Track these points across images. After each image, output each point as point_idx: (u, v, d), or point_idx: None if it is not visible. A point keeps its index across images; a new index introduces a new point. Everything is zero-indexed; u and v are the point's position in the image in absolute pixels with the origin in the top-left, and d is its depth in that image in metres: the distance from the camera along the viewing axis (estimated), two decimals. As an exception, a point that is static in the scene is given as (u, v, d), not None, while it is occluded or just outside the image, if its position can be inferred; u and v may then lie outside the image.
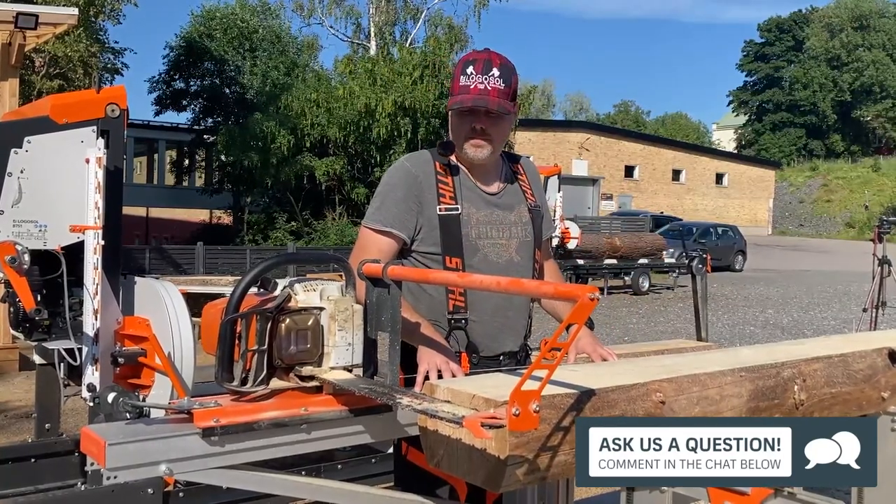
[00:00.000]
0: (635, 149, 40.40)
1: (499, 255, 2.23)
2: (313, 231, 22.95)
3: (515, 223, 2.29)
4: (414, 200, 2.19)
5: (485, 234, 2.22)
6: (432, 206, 2.19)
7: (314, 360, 1.65)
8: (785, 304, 15.95)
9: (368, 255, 1.98)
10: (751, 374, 1.90)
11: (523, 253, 2.28)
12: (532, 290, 1.36)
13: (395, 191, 2.21)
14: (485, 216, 2.24)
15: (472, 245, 2.20)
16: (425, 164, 2.24)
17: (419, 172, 2.22)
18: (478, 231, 2.21)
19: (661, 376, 1.76)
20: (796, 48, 59.85)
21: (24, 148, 3.07)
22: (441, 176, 2.22)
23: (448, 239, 2.17)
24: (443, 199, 2.20)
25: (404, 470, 2.11)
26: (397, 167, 2.28)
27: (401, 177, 2.23)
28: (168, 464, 1.45)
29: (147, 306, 3.26)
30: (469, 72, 2.16)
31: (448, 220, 2.18)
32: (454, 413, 1.39)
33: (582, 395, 1.57)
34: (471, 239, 2.20)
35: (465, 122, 2.19)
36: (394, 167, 2.30)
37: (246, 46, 27.52)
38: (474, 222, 2.21)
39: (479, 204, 2.25)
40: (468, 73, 2.16)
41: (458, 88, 2.18)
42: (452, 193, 2.21)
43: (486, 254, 2.21)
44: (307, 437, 1.62)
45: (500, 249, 2.24)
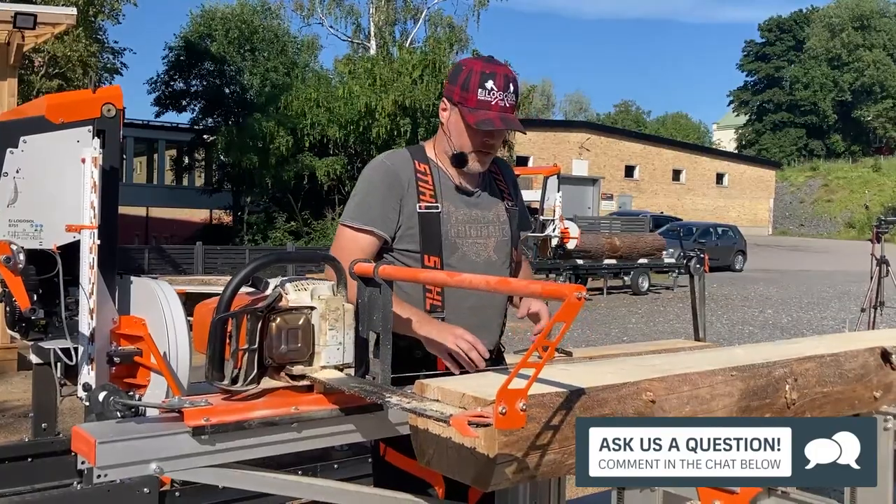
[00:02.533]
0: (635, 149, 40.42)
1: (477, 255, 2.24)
2: (312, 231, 22.97)
3: (493, 222, 2.30)
4: (395, 198, 2.18)
5: (464, 233, 2.23)
6: (412, 204, 2.19)
7: (305, 359, 1.65)
8: (784, 303, 15.96)
9: (349, 253, 1.98)
10: (742, 374, 1.91)
11: (500, 252, 2.30)
12: (520, 289, 1.37)
13: (375, 188, 2.20)
14: (464, 215, 2.25)
15: (452, 243, 2.21)
16: (405, 161, 2.24)
17: (399, 170, 2.22)
18: (457, 230, 2.22)
19: (651, 375, 1.76)
20: (797, 48, 59.88)
21: (19, 148, 3.07)
22: (421, 174, 2.22)
23: (427, 237, 2.18)
24: (423, 197, 2.20)
25: (383, 471, 2.12)
26: (377, 165, 2.27)
27: (382, 174, 2.22)
28: (158, 462, 1.46)
29: (143, 306, 3.26)
30: (489, 87, 2.15)
31: (428, 219, 2.19)
32: (442, 412, 1.40)
33: (572, 394, 1.57)
34: (450, 237, 2.21)
35: (478, 136, 2.19)
36: (373, 165, 2.28)
37: (246, 46, 27.54)
38: (454, 221, 2.22)
39: (458, 203, 2.25)
40: (488, 89, 2.15)
41: (474, 101, 2.15)
42: (433, 192, 2.22)
43: (464, 252, 2.22)
44: (298, 435, 1.62)
45: (479, 248, 2.25)
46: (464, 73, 2.18)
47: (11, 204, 3.06)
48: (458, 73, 2.21)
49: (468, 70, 2.18)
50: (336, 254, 1.99)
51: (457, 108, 2.20)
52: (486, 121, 2.14)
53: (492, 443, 1.44)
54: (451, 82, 2.23)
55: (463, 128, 2.20)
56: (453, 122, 2.22)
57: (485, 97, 2.15)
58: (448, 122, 2.24)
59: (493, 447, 1.44)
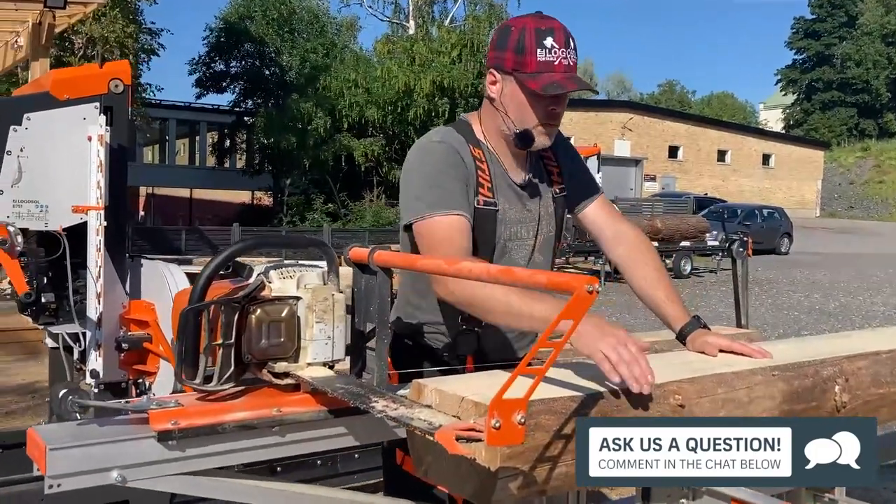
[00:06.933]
0: (680, 129, 39.61)
1: (523, 257, 1.98)
2: (350, 212, 22.94)
3: (542, 217, 2.02)
4: (465, 184, 1.86)
5: (515, 235, 1.97)
6: (472, 196, 1.87)
7: (289, 355, 1.48)
8: (832, 288, 15.45)
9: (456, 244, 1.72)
10: (785, 373, 1.69)
11: (544, 250, 2.04)
12: (524, 279, 1.18)
13: (445, 172, 1.84)
14: (516, 213, 1.97)
15: (503, 246, 1.94)
16: (462, 144, 1.90)
17: (462, 154, 1.88)
18: (510, 231, 1.96)
19: (681, 376, 1.56)
20: (849, 24, 57.91)
21: (23, 125, 2.96)
22: (478, 161, 1.90)
23: (481, 237, 1.89)
24: (481, 189, 1.89)
25: (399, 482, 1.83)
26: (435, 147, 1.89)
27: (445, 155, 1.87)
28: (120, 470, 1.30)
29: (153, 290, 3.15)
30: (549, 45, 1.80)
31: (485, 216, 1.89)
32: (430, 421, 1.22)
33: (587, 399, 1.38)
34: (502, 240, 1.94)
35: (541, 105, 1.84)
36: (432, 146, 1.90)
37: (285, 28, 27.48)
38: (507, 220, 1.94)
39: (511, 197, 1.95)
40: (548, 47, 1.80)
41: (534, 64, 1.80)
42: (490, 185, 1.90)
43: (511, 256, 1.96)
44: (280, 440, 1.45)
45: (525, 250, 1.99)
46: (514, 35, 1.83)
47: (15, 184, 2.96)
48: (508, 36, 1.85)
49: (520, 30, 1.83)
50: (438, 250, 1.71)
51: (511, 76, 1.85)
52: (554, 84, 1.80)
53: (493, 454, 1.26)
54: (499, 48, 1.87)
55: (523, 99, 1.84)
56: (509, 95, 1.87)
57: (546, 57, 1.80)
58: (501, 95, 1.88)
59: (495, 459, 1.26)
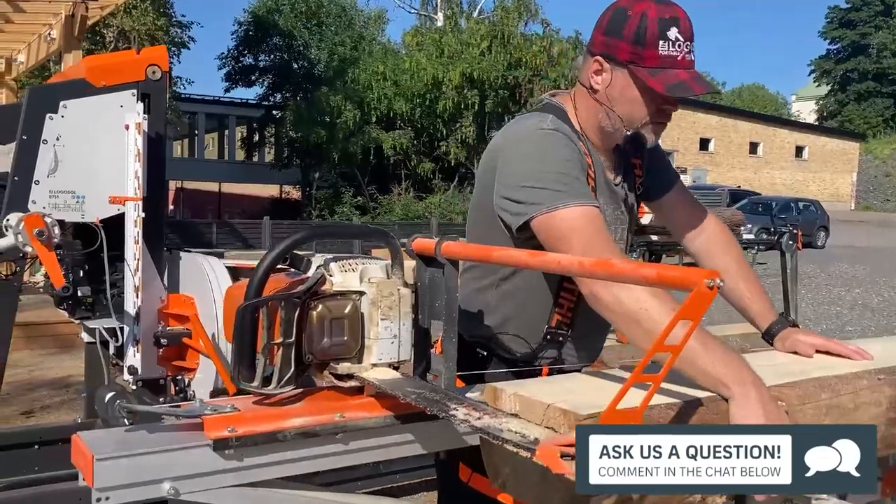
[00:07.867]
0: (711, 121, 39.09)
1: None
2: (379, 206, 22.85)
3: (627, 215, 1.87)
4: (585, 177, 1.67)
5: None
6: None
7: (353, 355, 1.35)
8: (873, 283, 15.06)
9: (596, 236, 1.54)
10: (892, 377, 1.54)
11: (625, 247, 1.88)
12: (628, 274, 1.04)
13: (569, 161, 1.64)
14: (611, 214, 1.80)
15: None
16: (573, 136, 1.70)
17: (578, 147, 1.69)
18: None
19: (782, 380, 1.42)
20: (885, 13, 56.72)
21: (59, 113, 2.86)
22: (585, 156, 1.72)
23: None
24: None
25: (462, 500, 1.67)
26: (551, 136, 1.66)
27: (564, 143, 1.66)
28: (172, 482, 1.18)
29: (192, 283, 3.05)
30: (673, 36, 1.59)
31: None
32: (524, 434, 1.09)
33: (686, 406, 1.24)
34: None
35: (656, 101, 1.66)
36: (547, 135, 1.66)
37: (313, 21, 27.42)
38: (606, 222, 1.74)
39: (607, 197, 1.79)
40: (671, 39, 1.59)
41: (656, 59, 1.59)
42: (594, 184, 1.72)
43: None
44: (344, 447, 1.32)
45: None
46: (633, 21, 1.61)
47: (52, 174, 2.86)
48: (623, 22, 1.62)
49: (639, 16, 1.60)
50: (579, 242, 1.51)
51: (625, 69, 1.64)
52: (680, 84, 1.60)
53: (585, 468, 1.12)
54: (611, 34, 1.65)
55: (636, 95, 1.65)
56: (619, 89, 1.66)
57: (669, 51, 1.59)
58: (609, 88, 1.68)
59: (588, 474, 1.12)
